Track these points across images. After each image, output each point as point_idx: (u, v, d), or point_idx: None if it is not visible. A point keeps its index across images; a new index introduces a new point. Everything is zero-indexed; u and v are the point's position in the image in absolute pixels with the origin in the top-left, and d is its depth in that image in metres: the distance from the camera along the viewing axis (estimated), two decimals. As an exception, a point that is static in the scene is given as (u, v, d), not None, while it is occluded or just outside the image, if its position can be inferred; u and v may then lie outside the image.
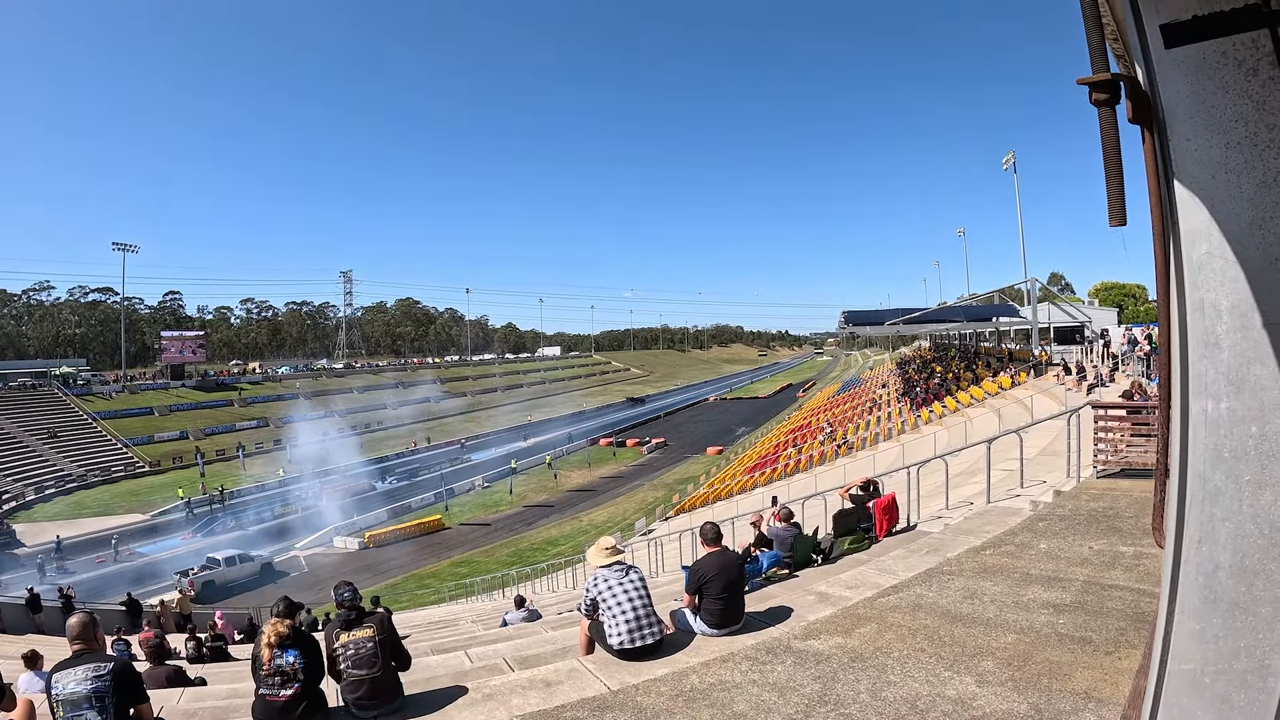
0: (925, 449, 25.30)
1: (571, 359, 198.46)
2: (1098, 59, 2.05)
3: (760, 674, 5.49)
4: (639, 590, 6.16)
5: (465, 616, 20.85)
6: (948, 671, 5.21)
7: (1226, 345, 1.95)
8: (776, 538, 10.51)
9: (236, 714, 5.91)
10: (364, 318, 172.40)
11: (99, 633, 5.15)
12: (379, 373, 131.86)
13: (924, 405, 42.34)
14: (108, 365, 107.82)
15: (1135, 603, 6.18)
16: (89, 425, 75.87)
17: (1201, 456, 2.03)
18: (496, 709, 5.22)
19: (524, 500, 58.74)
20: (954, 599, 6.77)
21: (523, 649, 8.34)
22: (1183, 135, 1.96)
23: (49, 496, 57.70)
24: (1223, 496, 2.00)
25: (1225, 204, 1.91)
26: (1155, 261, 2.11)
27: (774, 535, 10.63)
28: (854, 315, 53.85)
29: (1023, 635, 5.74)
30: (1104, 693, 4.68)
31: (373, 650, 5.23)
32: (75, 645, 4.92)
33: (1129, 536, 8.14)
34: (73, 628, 4.97)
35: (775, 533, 10.66)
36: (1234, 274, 1.91)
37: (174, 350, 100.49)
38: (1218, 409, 1.99)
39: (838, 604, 7.11)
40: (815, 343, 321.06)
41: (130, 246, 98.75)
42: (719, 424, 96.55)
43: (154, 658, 9.40)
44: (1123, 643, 5.42)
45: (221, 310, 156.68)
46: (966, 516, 11.07)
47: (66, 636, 5.03)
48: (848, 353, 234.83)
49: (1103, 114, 2.02)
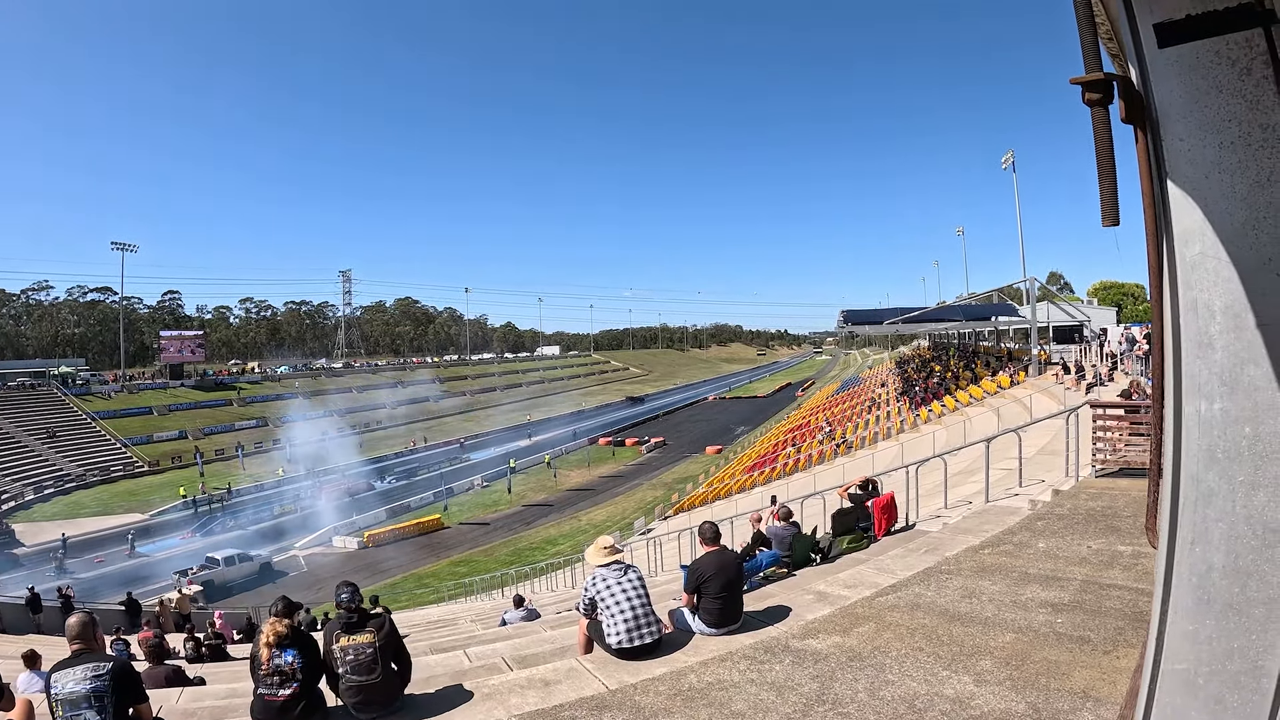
0: (924, 448, 25.31)
1: (570, 358, 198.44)
2: (1091, 58, 2.04)
3: (758, 673, 5.49)
4: (637, 590, 6.16)
5: (464, 616, 20.85)
6: (946, 671, 5.21)
7: (1220, 346, 1.95)
8: (775, 536, 10.50)
9: (235, 713, 5.91)
10: (363, 317, 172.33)
11: (98, 633, 5.14)
12: (378, 372, 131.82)
13: (923, 404, 42.38)
14: (107, 365, 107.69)
15: (1133, 602, 6.18)
16: (88, 425, 75.77)
17: (1195, 457, 2.03)
18: (495, 708, 5.22)
19: (523, 500, 58.79)
20: (952, 598, 6.78)
21: (521, 648, 8.35)
22: (1176, 135, 1.95)
23: (48, 496, 57.61)
24: (1216, 497, 2.00)
25: (1219, 204, 1.91)
26: (1148, 262, 2.11)
27: (773, 534, 10.63)
28: (853, 314, 53.83)
29: (1021, 634, 5.74)
30: (1102, 692, 4.69)
31: (372, 656, 5.20)
32: (74, 645, 4.90)
33: (1127, 536, 8.14)
34: (72, 627, 4.95)
35: (774, 531, 10.66)
36: (1227, 274, 1.91)
37: (173, 350, 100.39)
38: (1211, 410, 1.98)
39: (836, 603, 7.11)
40: (814, 342, 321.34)
41: (129, 246, 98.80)
42: (718, 423, 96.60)
43: (153, 657, 9.40)
44: (1121, 642, 5.42)
45: (220, 310, 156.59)
46: (965, 516, 11.08)
47: (66, 636, 5.01)
48: (846, 352, 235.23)
49: (1096, 114, 2.02)
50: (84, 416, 77.35)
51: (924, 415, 39.60)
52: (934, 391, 44.26)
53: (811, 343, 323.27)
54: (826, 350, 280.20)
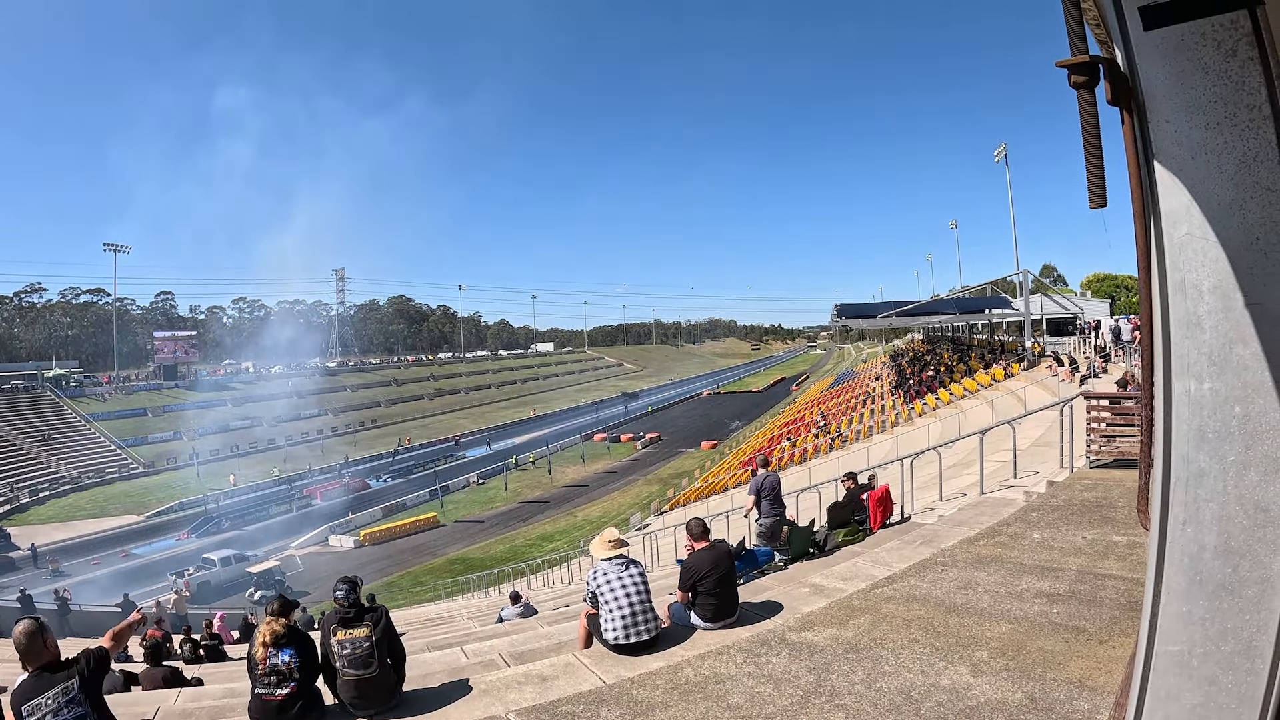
0: (919, 441, 25.36)
1: (565, 355, 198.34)
2: (1077, 42, 2.05)
3: (755, 666, 5.49)
4: (637, 585, 6.15)
5: (461, 613, 20.87)
6: (942, 662, 5.22)
7: (1209, 326, 1.95)
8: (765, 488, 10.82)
9: (233, 713, 5.89)
10: (356, 316, 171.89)
11: (48, 638, 4.47)
12: (371, 371, 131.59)
13: (917, 397, 42.49)
14: (101, 366, 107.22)
15: (1129, 591, 6.20)
16: (82, 427, 75.62)
17: (1185, 438, 2.03)
18: (493, 704, 5.22)
19: (519, 496, 58.82)
20: (948, 590, 6.79)
21: (519, 644, 8.36)
22: (1162, 116, 1.96)
23: (43, 499, 57.51)
24: (1207, 477, 2.00)
25: (1205, 184, 1.91)
26: (1136, 243, 2.11)
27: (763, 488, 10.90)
28: (847, 308, 53.78)
29: (1017, 625, 5.76)
30: (1098, 681, 4.70)
31: (369, 650, 5.19)
32: (30, 665, 4.36)
33: (1122, 526, 8.17)
34: (19, 640, 4.36)
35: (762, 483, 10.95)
36: (1215, 254, 1.91)
37: (166, 351, 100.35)
38: (1200, 389, 1.99)
39: (832, 596, 7.12)
40: (808, 336, 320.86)
41: (121, 247, 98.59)
42: (713, 418, 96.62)
43: (151, 658, 9.38)
44: (1116, 631, 5.44)
45: (214, 310, 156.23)
46: (960, 508, 11.10)
47: (15, 648, 4.41)
48: (841, 346, 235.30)
49: (1082, 96, 2.02)
50: (78, 419, 77.17)
51: (918, 408, 39.69)
52: (928, 385, 44.36)
53: (805, 337, 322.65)
54: (820, 344, 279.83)
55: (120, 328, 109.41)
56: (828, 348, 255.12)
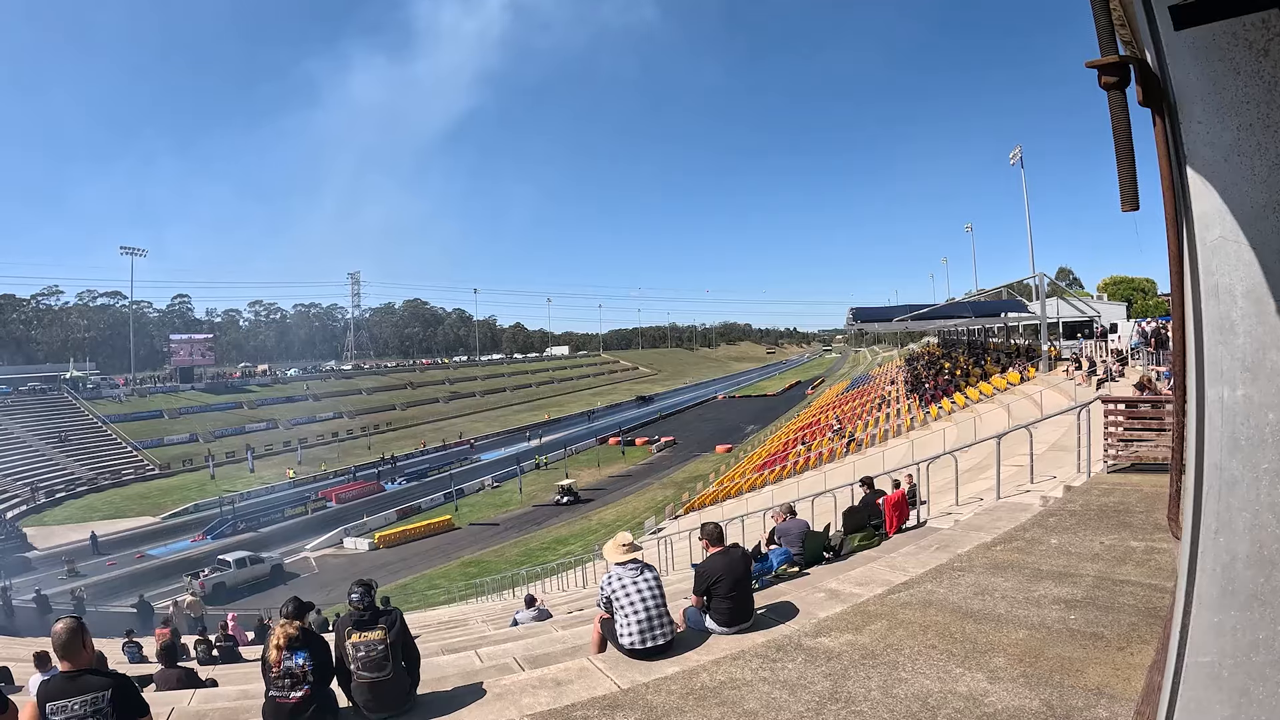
0: (934, 445, 25.24)
1: (580, 358, 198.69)
2: (1106, 42, 2.01)
3: (771, 672, 5.46)
4: (653, 590, 6.12)
5: (475, 616, 20.88)
6: (959, 668, 5.17)
7: (1242, 330, 1.91)
8: (785, 535, 10.48)
9: (247, 715, 5.89)
10: (372, 319, 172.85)
11: (87, 639, 4.51)
12: (387, 374, 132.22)
13: (933, 401, 42.28)
14: (117, 369, 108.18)
15: (1147, 598, 6.13)
16: (99, 429, 76.33)
17: (1217, 445, 1.99)
18: (507, 708, 5.20)
19: (533, 500, 58.89)
20: (965, 595, 6.73)
21: (533, 648, 8.33)
22: (1194, 118, 1.92)
23: (59, 500, 58.05)
24: (1239, 485, 1.96)
25: (1238, 187, 1.87)
26: (1168, 247, 2.07)
27: (782, 533, 10.61)
28: (862, 312, 53.63)
29: (1034, 631, 5.70)
30: (1116, 688, 4.64)
31: (383, 653, 5.18)
32: (64, 664, 4.40)
33: (1140, 531, 8.08)
34: (59, 636, 4.39)
35: (784, 529, 10.64)
36: (1248, 258, 1.88)
37: (183, 353, 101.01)
38: (1234, 396, 1.95)
39: (848, 601, 7.07)
40: (823, 340, 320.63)
41: (138, 250, 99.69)
42: (727, 422, 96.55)
43: (166, 659, 9.43)
44: (1135, 638, 5.37)
45: (230, 313, 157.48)
46: (976, 512, 11.02)
47: (52, 645, 4.47)
48: (856, 349, 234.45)
49: (1112, 97, 1.99)
50: (95, 420, 77.89)
51: (934, 412, 39.51)
52: (944, 388, 44.16)
53: (821, 340, 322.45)
54: (835, 348, 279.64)
55: (137, 330, 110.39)
56: (843, 351, 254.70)
